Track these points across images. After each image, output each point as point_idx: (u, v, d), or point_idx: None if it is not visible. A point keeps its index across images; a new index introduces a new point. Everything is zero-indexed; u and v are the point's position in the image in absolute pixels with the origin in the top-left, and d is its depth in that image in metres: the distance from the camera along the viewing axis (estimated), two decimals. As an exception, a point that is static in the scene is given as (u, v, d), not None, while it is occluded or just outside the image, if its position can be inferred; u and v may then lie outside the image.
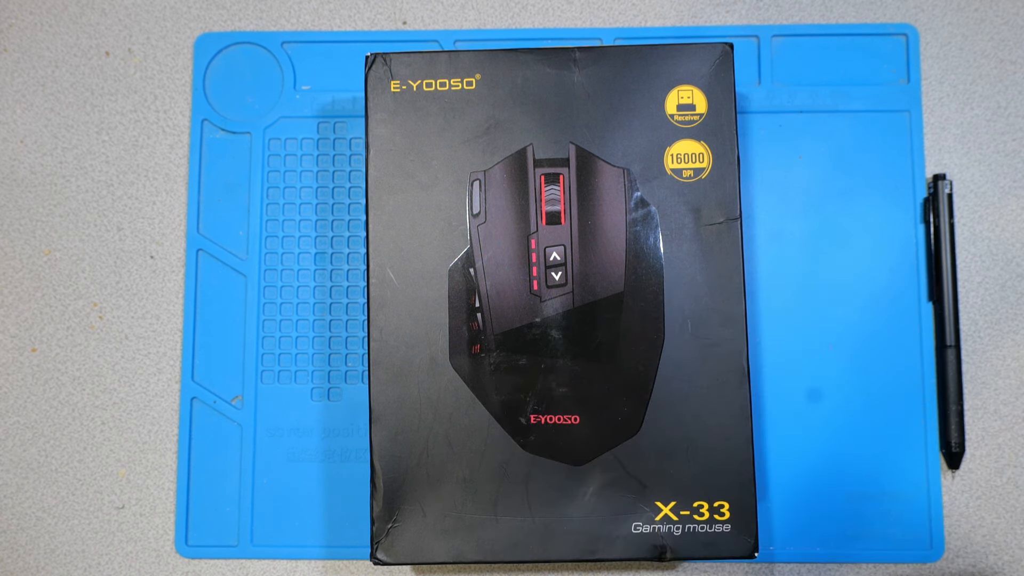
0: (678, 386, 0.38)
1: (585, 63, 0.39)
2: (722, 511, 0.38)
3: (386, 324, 0.38)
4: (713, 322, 0.38)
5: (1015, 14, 0.44)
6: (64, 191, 0.45)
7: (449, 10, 0.45)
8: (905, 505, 0.41)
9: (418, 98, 0.39)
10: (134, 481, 0.43)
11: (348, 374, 0.43)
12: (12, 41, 0.46)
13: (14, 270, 0.44)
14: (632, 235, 0.38)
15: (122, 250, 0.44)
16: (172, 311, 0.44)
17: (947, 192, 0.42)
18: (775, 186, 0.43)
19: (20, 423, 0.44)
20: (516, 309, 0.38)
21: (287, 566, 0.42)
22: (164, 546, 0.43)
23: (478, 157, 0.39)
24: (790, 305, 0.42)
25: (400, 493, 0.38)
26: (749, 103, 0.44)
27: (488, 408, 0.38)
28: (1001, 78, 0.44)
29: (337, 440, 0.42)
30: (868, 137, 0.43)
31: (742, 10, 0.45)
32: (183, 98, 0.45)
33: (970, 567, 0.42)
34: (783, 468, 0.42)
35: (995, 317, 0.43)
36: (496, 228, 0.38)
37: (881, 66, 0.44)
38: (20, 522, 0.43)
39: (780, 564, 0.42)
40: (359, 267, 0.43)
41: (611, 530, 0.38)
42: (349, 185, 0.44)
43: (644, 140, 0.39)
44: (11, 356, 0.44)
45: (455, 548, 0.38)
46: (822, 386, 0.42)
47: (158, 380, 0.44)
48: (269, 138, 0.44)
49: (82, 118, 0.45)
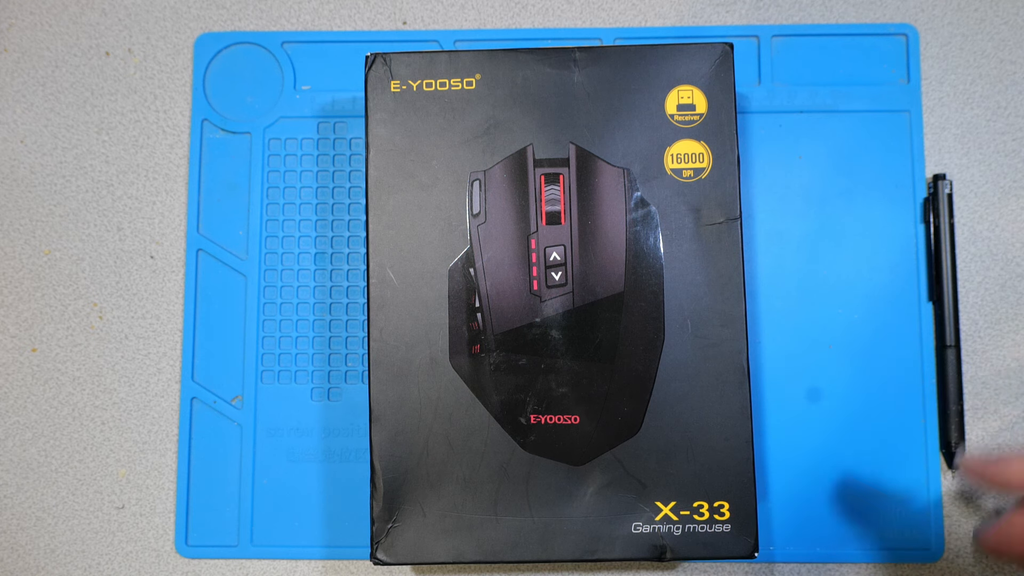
0: (678, 386, 0.38)
1: (585, 63, 0.39)
2: (722, 511, 0.38)
3: (386, 324, 0.38)
4: (713, 322, 0.38)
5: (1015, 14, 0.44)
6: (64, 191, 0.45)
7: (449, 10, 0.45)
8: (905, 505, 0.41)
9: (418, 98, 0.39)
10: (134, 481, 0.43)
11: (348, 374, 0.43)
12: (12, 41, 0.46)
13: (14, 270, 0.44)
14: (632, 235, 0.38)
15: (122, 250, 0.44)
16: (172, 311, 0.44)
17: (947, 192, 0.42)
18: (775, 186, 0.43)
19: (20, 423, 0.44)
20: (516, 309, 0.38)
21: (287, 566, 0.42)
22: (164, 546, 0.43)
23: (478, 157, 0.39)
24: (790, 305, 0.42)
25: (400, 493, 0.38)
26: (749, 103, 0.44)
27: (488, 408, 0.38)
28: (1001, 78, 0.44)
29: (337, 440, 0.42)
30: (868, 137, 0.43)
31: (742, 10, 0.45)
32: (183, 98, 0.45)
33: (970, 567, 0.42)
34: (783, 468, 0.42)
35: (995, 317, 0.43)
36: (496, 228, 0.38)
37: (881, 66, 0.44)
38: (20, 522, 0.43)
39: (780, 564, 0.42)
40: (359, 267, 0.43)
41: (611, 530, 0.38)
42: (349, 185, 0.44)
43: (644, 140, 0.39)
44: (11, 356, 0.44)
45: (455, 548, 0.38)
46: (822, 386, 0.42)
47: (158, 380, 0.44)
48: (269, 138, 0.44)
49: (82, 118, 0.45)
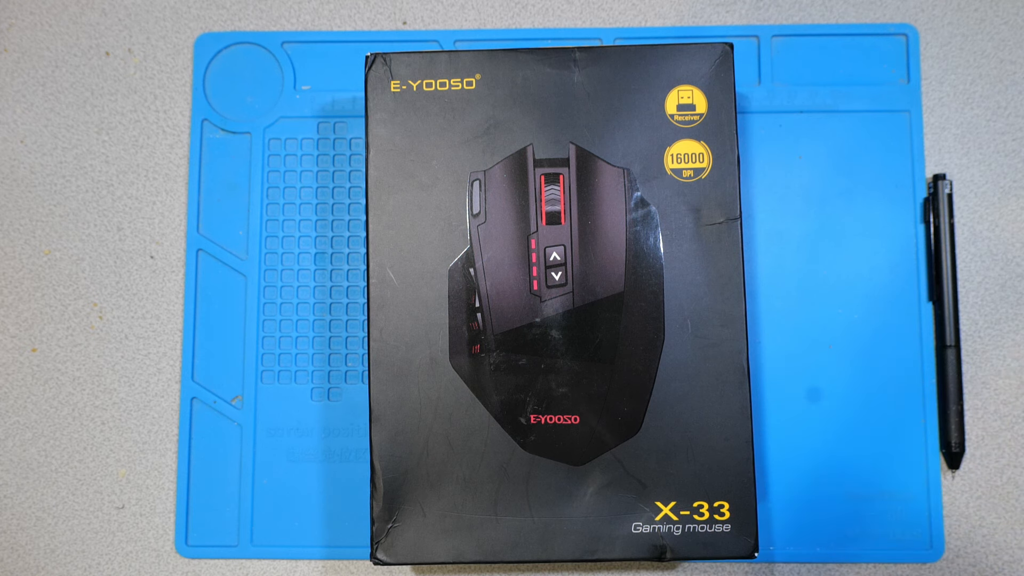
0: (678, 386, 0.38)
1: (585, 63, 0.39)
2: (722, 511, 0.37)
3: (386, 324, 0.38)
4: (713, 322, 0.38)
5: (1015, 14, 0.44)
6: (64, 191, 0.45)
7: (449, 10, 0.45)
8: (905, 505, 0.41)
9: (418, 98, 0.39)
10: (134, 481, 0.43)
11: (348, 374, 0.43)
12: (12, 41, 0.46)
13: (14, 270, 0.44)
14: (632, 235, 0.38)
15: (122, 250, 0.44)
16: (172, 311, 0.44)
17: (947, 192, 0.42)
18: (775, 186, 0.43)
19: (20, 423, 0.44)
20: (516, 309, 0.38)
21: (287, 566, 0.42)
22: (164, 546, 0.43)
23: (478, 157, 0.39)
24: (790, 305, 0.42)
25: (400, 493, 0.38)
26: (749, 103, 0.44)
27: (488, 408, 0.38)
28: (1001, 78, 0.44)
29: (337, 440, 0.42)
30: (868, 137, 0.43)
31: (742, 10, 0.45)
32: (183, 98, 0.45)
33: (970, 567, 0.42)
34: (783, 468, 0.42)
35: (995, 317, 0.43)
36: (496, 228, 0.38)
37: (881, 66, 0.44)
38: (20, 522, 0.43)
39: (780, 564, 0.42)
40: (359, 267, 0.43)
41: (611, 530, 0.38)
42: (349, 185, 0.44)
43: (644, 140, 0.39)
44: (11, 356, 0.44)
45: (455, 548, 0.38)
46: (822, 386, 0.42)
47: (158, 380, 0.44)
48: (269, 138, 0.44)
49: (82, 118, 0.45)
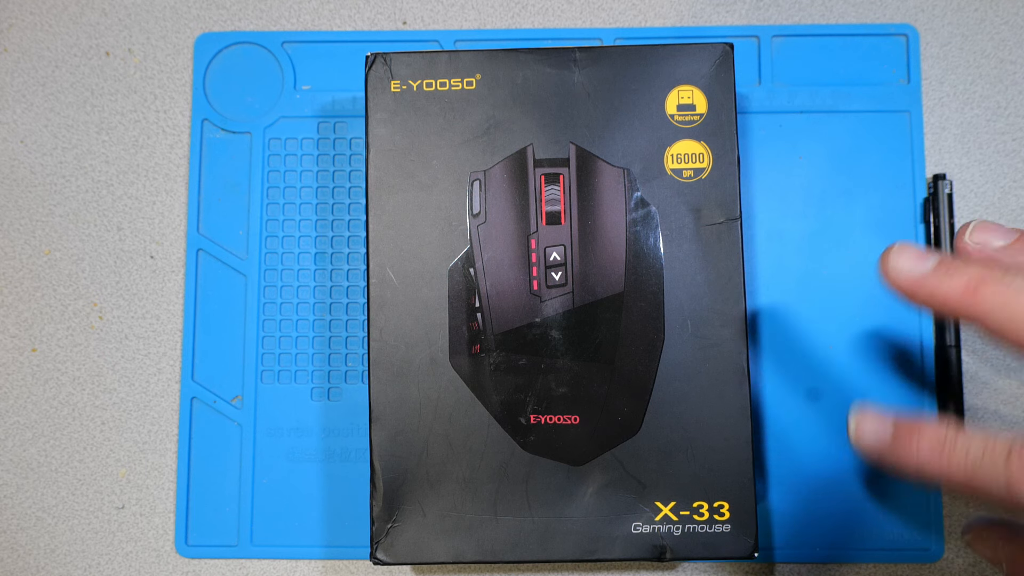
0: (678, 386, 0.38)
1: (585, 63, 0.39)
2: (722, 511, 0.37)
3: (386, 324, 0.38)
4: (713, 322, 0.38)
5: (1015, 14, 0.44)
6: (64, 191, 0.45)
7: (449, 10, 0.45)
8: (905, 505, 0.41)
9: (418, 98, 0.39)
10: (134, 481, 0.43)
11: (348, 374, 0.43)
12: (12, 41, 0.46)
13: (14, 270, 0.44)
14: (632, 235, 0.38)
15: (122, 250, 0.44)
16: (172, 311, 0.44)
17: (947, 192, 0.42)
18: (775, 186, 0.43)
19: (20, 423, 0.44)
20: (516, 309, 0.38)
21: (287, 566, 0.42)
22: (164, 546, 0.43)
23: (478, 157, 0.39)
24: (790, 305, 0.42)
25: (400, 493, 0.38)
26: (749, 103, 0.44)
27: (488, 408, 0.38)
28: (1001, 78, 0.44)
29: (337, 440, 0.42)
30: (868, 137, 0.43)
31: (742, 10, 0.45)
32: (183, 98, 0.45)
33: (970, 567, 0.42)
34: (783, 468, 0.42)
35: (995, 317, 0.43)
36: (496, 228, 0.38)
37: (881, 66, 0.44)
38: (20, 522, 0.43)
39: (780, 564, 0.42)
40: (359, 267, 0.43)
41: (611, 530, 0.38)
42: (349, 185, 0.44)
43: (644, 140, 0.39)
44: (11, 356, 0.44)
45: (455, 548, 0.38)
46: (822, 386, 0.42)
47: (158, 380, 0.43)
48: (269, 138, 0.44)
49: (82, 118, 0.45)
